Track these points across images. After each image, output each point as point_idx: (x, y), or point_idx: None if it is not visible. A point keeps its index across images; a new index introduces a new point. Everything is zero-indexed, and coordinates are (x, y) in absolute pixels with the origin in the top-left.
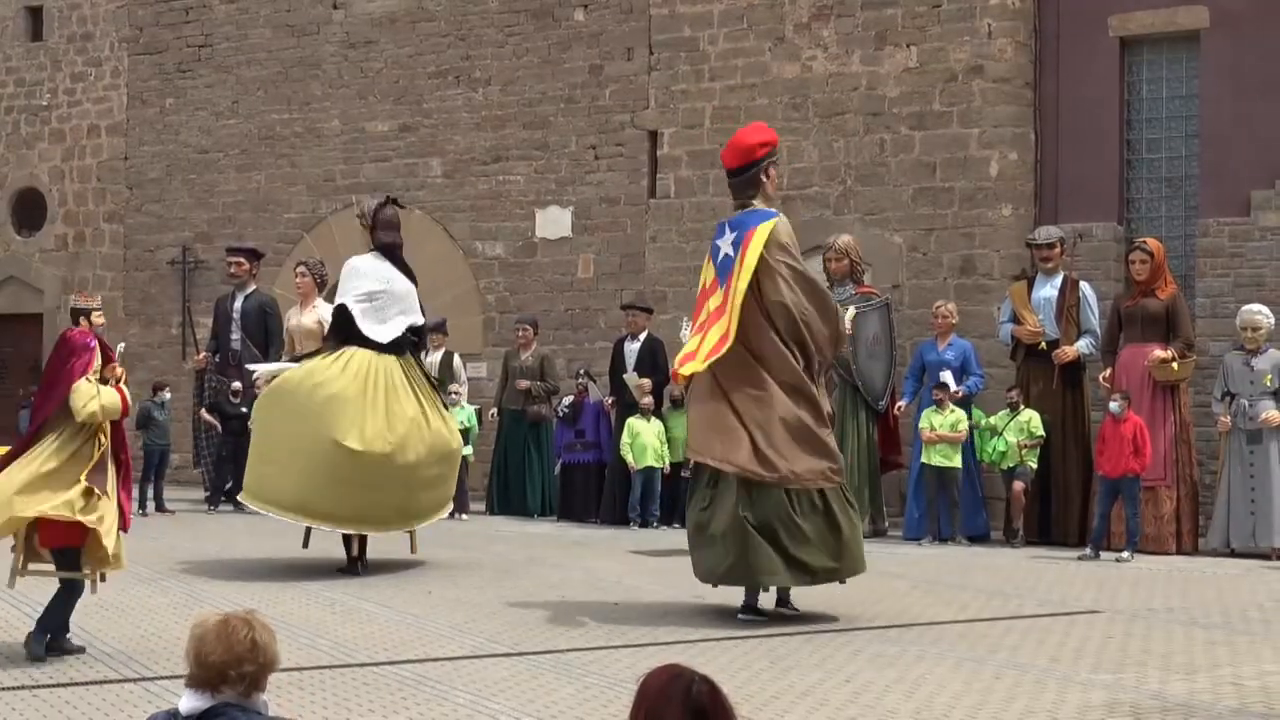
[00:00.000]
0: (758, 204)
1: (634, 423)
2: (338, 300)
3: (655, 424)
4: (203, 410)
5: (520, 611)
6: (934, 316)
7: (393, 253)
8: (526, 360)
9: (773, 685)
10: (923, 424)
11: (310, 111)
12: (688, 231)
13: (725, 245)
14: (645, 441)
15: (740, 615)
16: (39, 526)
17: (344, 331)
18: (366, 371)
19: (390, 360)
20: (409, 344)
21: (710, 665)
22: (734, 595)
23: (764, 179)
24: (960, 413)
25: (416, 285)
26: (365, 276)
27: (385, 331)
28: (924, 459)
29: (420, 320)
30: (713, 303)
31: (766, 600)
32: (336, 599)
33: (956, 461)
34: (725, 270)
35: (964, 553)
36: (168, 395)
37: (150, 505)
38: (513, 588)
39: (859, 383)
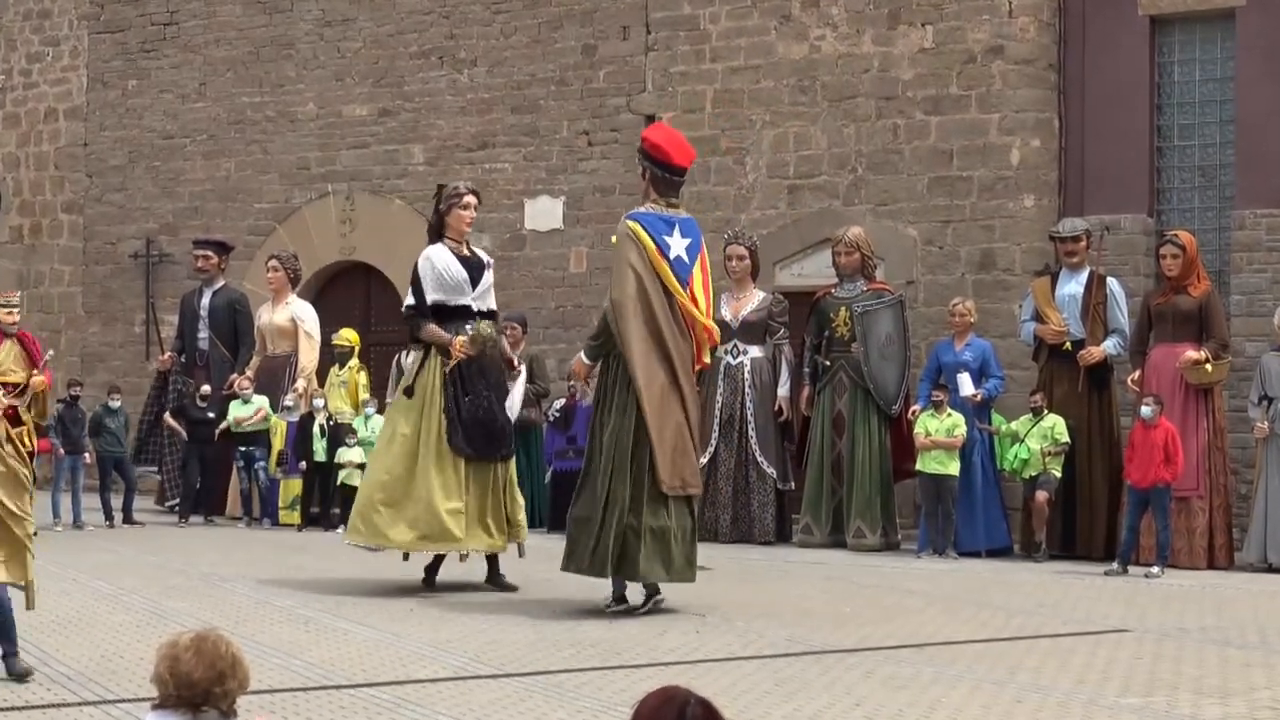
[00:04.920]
0: (681, 209)
1: None
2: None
3: None
4: (166, 415)
5: (507, 629)
6: (951, 315)
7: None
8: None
9: (778, 709)
10: (918, 428)
11: (283, 94)
12: None
13: (677, 247)
14: None
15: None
16: None
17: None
18: None
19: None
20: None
21: (711, 687)
22: (733, 608)
23: None
24: (958, 417)
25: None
26: None
27: None
28: (919, 466)
29: (405, 303)
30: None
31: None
32: (311, 617)
33: (953, 469)
34: (682, 276)
35: (983, 568)
36: (118, 402)
37: (117, 516)
38: (499, 604)
39: (870, 386)
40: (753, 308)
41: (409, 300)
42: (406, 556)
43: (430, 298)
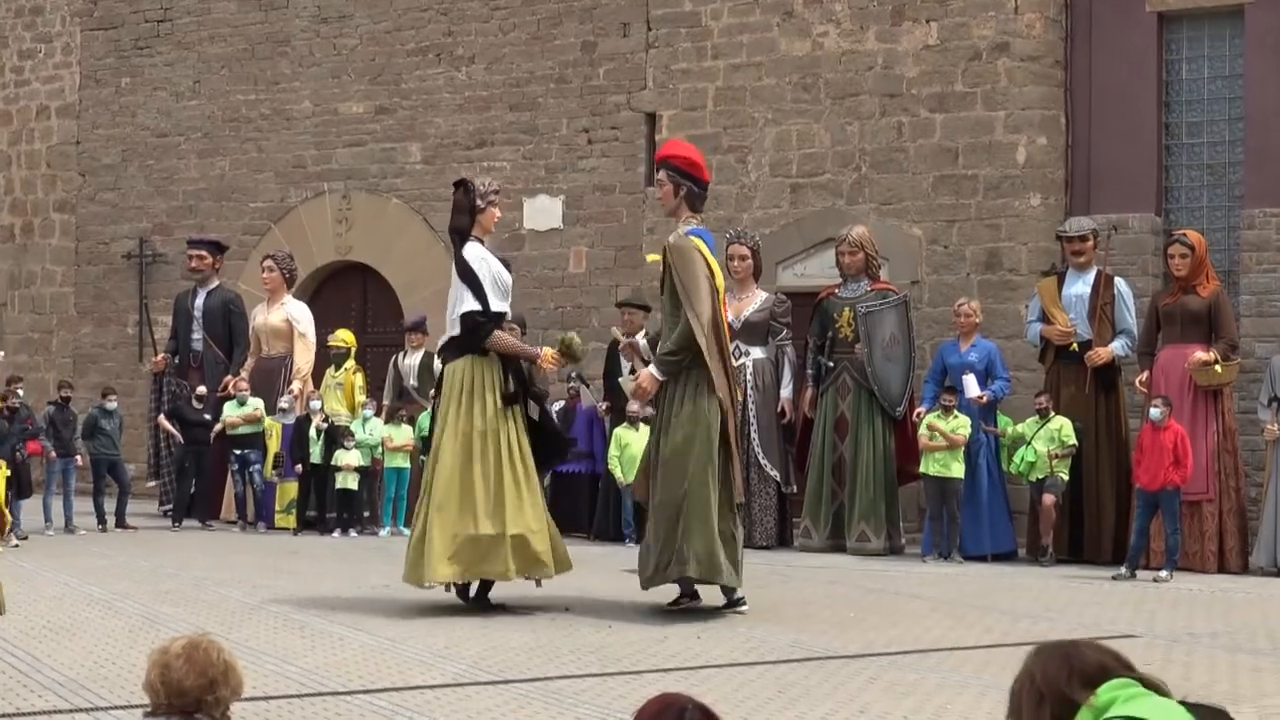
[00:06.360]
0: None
1: (623, 433)
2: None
3: (646, 433)
4: (161, 417)
5: (505, 635)
6: (956, 315)
7: (452, 241)
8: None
9: (781, 716)
10: (922, 430)
11: (278, 92)
12: None
13: (715, 261)
14: (636, 453)
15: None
16: None
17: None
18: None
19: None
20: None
21: (713, 694)
22: (732, 614)
23: None
24: (963, 418)
25: (466, 267)
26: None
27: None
28: (923, 468)
29: (465, 307)
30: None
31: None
32: (306, 622)
33: (958, 472)
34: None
35: (989, 572)
36: (114, 403)
37: (110, 520)
38: (497, 610)
39: (875, 387)
40: (755, 308)
41: (471, 305)
42: (449, 587)
43: (493, 303)
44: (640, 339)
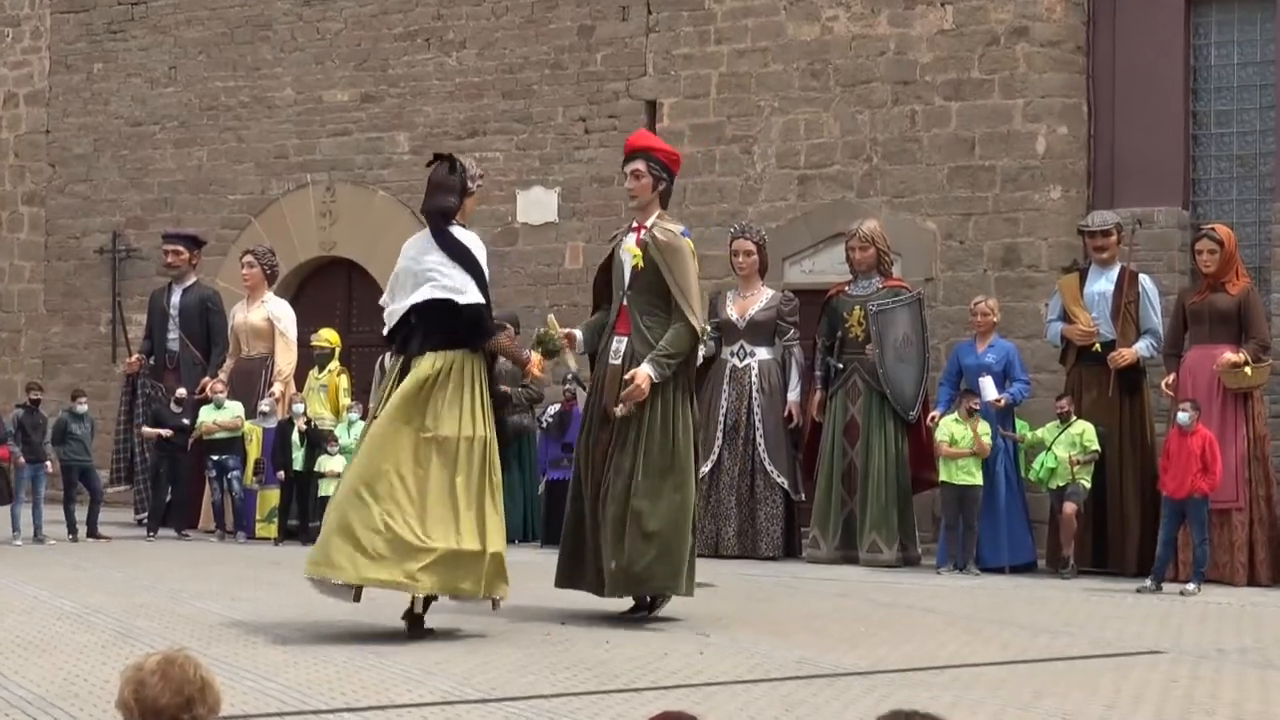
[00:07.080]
0: None
1: None
2: None
3: None
4: (142, 426)
5: (497, 651)
6: (972, 314)
7: (432, 219)
8: (506, 363)
9: None
10: (940, 435)
11: (259, 78)
12: (690, 216)
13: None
14: None
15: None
16: None
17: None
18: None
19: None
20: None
21: (716, 713)
22: (738, 628)
23: None
24: (983, 424)
25: (469, 255)
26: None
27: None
28: (942, 475)
29: (472, 299)
30: None
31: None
32: (288, 637)
33: (977, 479)
34: None
35: (1007, 584)
36: (85, 406)
37: (82, 529)
38: (489, 623)
39: (887, 390)
40: (760, 306)
41: (477, 297)
42: (413, 603)
43: (491, 298)
44: (576, 331)
